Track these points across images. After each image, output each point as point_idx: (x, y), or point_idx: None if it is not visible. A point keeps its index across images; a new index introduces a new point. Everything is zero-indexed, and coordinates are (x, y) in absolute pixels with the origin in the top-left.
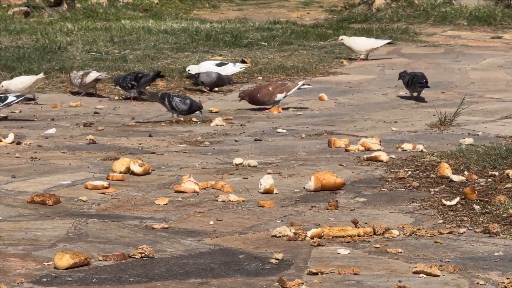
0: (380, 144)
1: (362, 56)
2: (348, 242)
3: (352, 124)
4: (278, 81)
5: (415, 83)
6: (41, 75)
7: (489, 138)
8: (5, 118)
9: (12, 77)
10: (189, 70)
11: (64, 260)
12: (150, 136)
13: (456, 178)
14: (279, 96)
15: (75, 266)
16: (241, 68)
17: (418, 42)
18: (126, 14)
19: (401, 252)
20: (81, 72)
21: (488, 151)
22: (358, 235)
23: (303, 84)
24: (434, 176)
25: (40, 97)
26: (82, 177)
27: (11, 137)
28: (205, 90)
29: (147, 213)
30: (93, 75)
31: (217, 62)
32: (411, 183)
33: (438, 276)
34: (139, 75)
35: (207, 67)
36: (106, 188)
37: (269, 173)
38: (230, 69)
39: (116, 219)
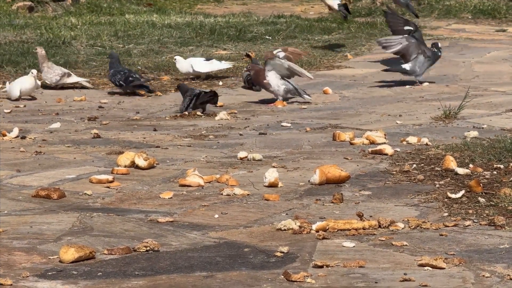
0: (385, 138)
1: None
2: (353, 235)
3: (357, 118)
4: None
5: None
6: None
7: (494, 131)
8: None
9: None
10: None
11: (69, 253)
12: (155, 130)
13: (461, 171)
14: None
15: (80, 259)
16: (227, 66)
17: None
18: (130, 9)
19: (406, 245)
20: (59, 70)
21: (493, 144)
22: (363, 228)
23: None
24: (439, 169)
25: (44, 92)
26: (87, 171)
27: (15, 131)
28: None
29: (152, 206)
30: (75, 79)
31: (205, 58)
32: (416, 176)
33: (444, 268)
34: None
35: (197, 62)
36: (110, 182)
37: (273, 167)
38: (217, 65)
39: (121, 213)
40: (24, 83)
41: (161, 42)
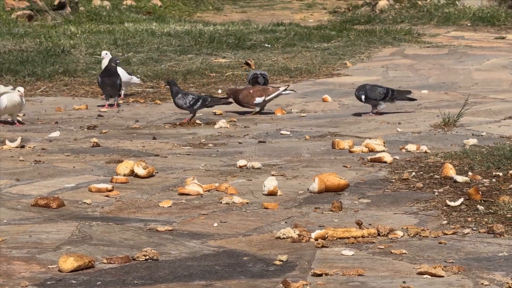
0: (384, 145)
1: None
2: (352, 243)
3: (356, 126)
4: (264, 87)
5: None
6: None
7: (493, 139)
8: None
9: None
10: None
11: (68, 263)
12: (154, 138)
13: (460, 178)
14: (258, 100)
15: (79, 269)
16: (138, 79)
17: (422, 43)
18: (130, 17)
19: (405, 253)
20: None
21: (492, 151)
22: (362, 236)
23: (285, 89)
24: (438, 177)
25: (43, 100)
26: (86, 180)
27: (11, 141)
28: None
29: (151, 215)
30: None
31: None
32: (415, 184)
33: (443, 276)
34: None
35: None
36: (110, 191)
37: (273, 175)
38: (135, 80)
39: (120, 221)
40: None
41: (160, 51)
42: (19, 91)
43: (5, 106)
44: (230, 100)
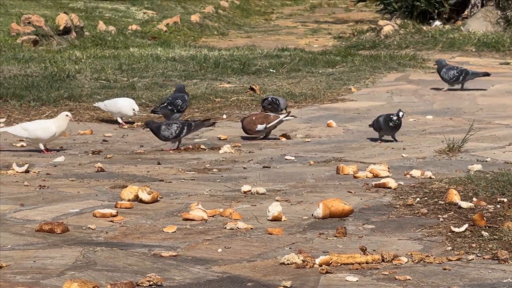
0: (389, 171)
1: None
2: (357, 269)
3: (361, 151)
4: (266, 114)
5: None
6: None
7: (497, 164)
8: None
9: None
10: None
11: None
12: (159, 163)
13: (464, 204)
14: (260, 127)
15: None
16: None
17: (426, 69)
18: (135, 42)
19: (409, 279)
20: None
21: (497, 177)
22: (367, 262)
23: (286, 116)
24: (442, 202)
25: None
26: (91, 205)
27: (18, 166)
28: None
29: (155, 241)
30: None
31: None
32: (420, 210)
33: None
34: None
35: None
36: (114, 216)
37: (277, 200)
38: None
39: (125, 247)
40: (60, 125)
41: (165, 76)
42: (67, 115)
43: (54, 133)
44: (213, 121)
